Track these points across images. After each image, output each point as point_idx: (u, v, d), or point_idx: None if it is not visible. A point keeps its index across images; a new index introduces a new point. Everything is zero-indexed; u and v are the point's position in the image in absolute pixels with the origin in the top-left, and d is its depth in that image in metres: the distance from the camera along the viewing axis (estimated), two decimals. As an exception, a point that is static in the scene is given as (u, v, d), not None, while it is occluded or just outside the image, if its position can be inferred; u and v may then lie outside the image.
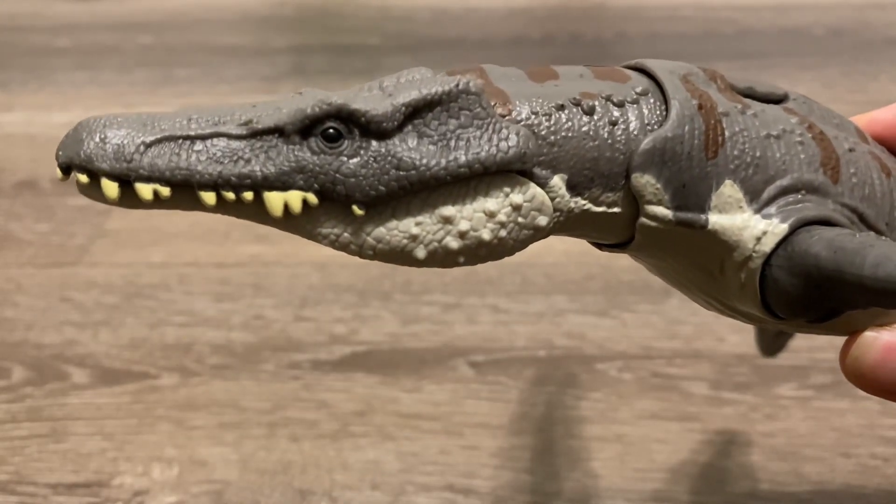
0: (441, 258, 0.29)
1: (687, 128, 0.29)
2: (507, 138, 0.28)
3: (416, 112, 0.28)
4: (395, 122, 0.28)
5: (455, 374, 0.61)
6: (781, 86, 0.34)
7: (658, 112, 0.30)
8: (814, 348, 0.61)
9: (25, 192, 0.86)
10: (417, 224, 0.28)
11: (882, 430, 0.55)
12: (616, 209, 0.30)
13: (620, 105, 0.30)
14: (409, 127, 0.28)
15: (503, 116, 0.29)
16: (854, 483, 0.52)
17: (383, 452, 0.55)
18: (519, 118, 0.29)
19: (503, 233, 0.29)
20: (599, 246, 0.33)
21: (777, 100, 0.33)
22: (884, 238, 0.29)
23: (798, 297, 0.30)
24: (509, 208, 0.29)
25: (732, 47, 1.11)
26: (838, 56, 1.08)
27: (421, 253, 0.29)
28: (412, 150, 0.28)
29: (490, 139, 0.28)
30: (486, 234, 0.29)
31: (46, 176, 0.88)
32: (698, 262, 0.31)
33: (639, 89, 0.30)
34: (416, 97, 0.28)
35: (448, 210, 0.28)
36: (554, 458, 0.55)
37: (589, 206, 0.30)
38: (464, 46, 1.16)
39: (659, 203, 0.29)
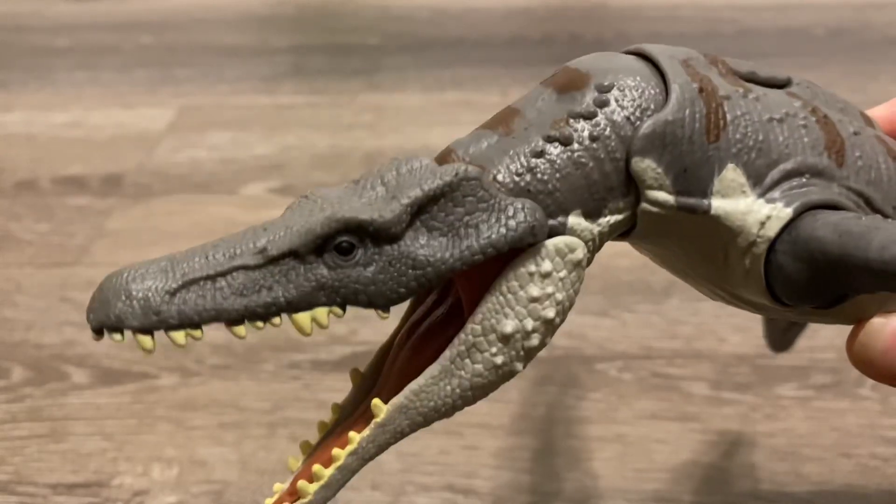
0: (534, 355, 0.30)
1: (688, 111, 0.29)
2: (514, 215, 0.28)
3: (422, 208, 0.28)
4: (403, 224, 0.28)
5: (455, 374, 0.61)
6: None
7: (656, 96, 0.29)
8: (814, 348, 0.61)
9: (25, 192, 0.86)
10: (493, 355, 0.29)
11: (882, 430, 0.55)
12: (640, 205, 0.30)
13: (591, 116, 0.29)
14: (417, 223, 0.28)
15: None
16: (854, 483, 0.52)
17: (383, 452, 0.55)
18: (509, 186, 0.29)
19: (560, 297, 0.29)
20: None
21: (780, 84, 0.33)
22: (890, 221, 0.29)
23: (804, 282, 0.29)
24: (546, 281, 0.29)
25: (732, 47, 1.11)
26: (838, 56, 1.08)
27: (519, 367, 0.29)
28: (424, 246, 0.28)
29: (498, 220, 0.28)
30: (550, 313, 0.29)
31: (46, 176, 0.88)
32: (702, 250, 0.31)
33: (606, 83, 0.29)
34: (419, 195, 0.28)
35: (508, 327, 0.29)
36: (554, 458, 0.55)
37: (615, 218, 0.30)
38: (464, 46, 1.16)
39: (660, 188, 0.29)
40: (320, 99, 1.03)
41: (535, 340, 0.29)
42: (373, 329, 0.66)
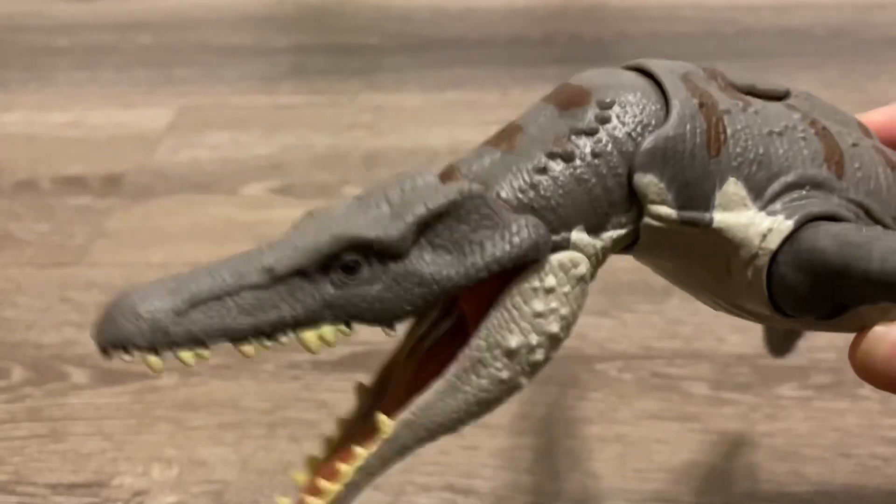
0: (537, 372, 0.30)
1: (688, 126, 0.29)
2: (518, 232, 0.28)
3: (427, 226, 0.28)
4: (409, 242, 0.28)
5: (455, 374, 0.61)
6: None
7: (656, 112, 0.29)
8: (814, 348, 0.61)
9: (25, 192, 0.86)
10: (497, 370, 0.29)
11: (882, 430, 0.55)
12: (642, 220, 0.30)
13: (592, 132, 0.29)
14: (423, 241, 0.28)
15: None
16: (854, 483, 0.52)
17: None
18: (512, 203, 0.29)
19: (564, 311, 0.29)
20: None
21: (779, 97, 0.33)
22: (890, 232, 0.29)
23: (805, 293, 0.30)
24: (550, 296, 0.29)
25: (732, 47, 1.11)
26: (838, 56, 1.08)
27: (524, 382, 0.29)
28: (430, 264, 0.28)
29: (503, 237, 0.28)
30: (554, 328, 0.29)
31: (46, 176, 0.88)
32: (704, 262, 0.31)
33: (607, 100, 0.30)
34: (424, 213, 0.28)
35: (511, 342, 0.29)
36: (554, 459, 0.55)
37: (618, 232, 0.30)
38: (463, 46, 1.16)
39: (662, 202, 0.29)
40: (320, 99, 1.03)
41: (539, 355, 0.29)
42: (373, 329, 0.65)
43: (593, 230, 0.29)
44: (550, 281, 0.29)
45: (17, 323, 0.68)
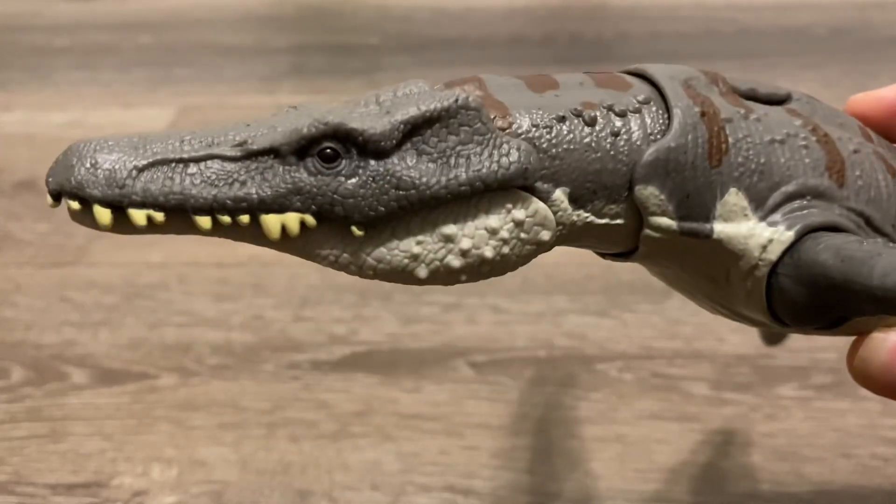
0: (443, 277, 0.29)
1: (690, 137, 0.29)
2: (507, 154, 0.28)
3: (415, 129, 0.27)
4: (394, 141, 0.27)
5: (455, 374, 0.61)
6: (783, 85, 0.34)
7: (660, 121, 0.29)
8: (814, 349, 0.61)
9: (25, 192, 0.86)
10: (418, 243, 0.28)
11: (882, 431, 0.55)
12: (619, 220, 0.29)
13: (622, 115, 0.29)
14: (408, 145, 0.27)
15: (503, 130, 0.28)
16: (855, 483, 0.52)
17: (383, 453, 0.55)
18: (519, 131, 0.28)
19: (506, 249, 0.28)
20: (603, 255, 0.32)
21: (780, 100, 0.33)
22: (891, 245, 0.29)
23: (805, 305, 0.30)
24: (511, 224, 0.28)
25: (733, 47, 1.11)
26: (839, 55, 1.08)
27: (422, 272, 0.28)
28: (411, 168, 0.27)
29: (491, 155, 0.28)
30: (488, 252, 0.28)
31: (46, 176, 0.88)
32: (703, 271, 0.31)
33: (640, 97, 0.30)
34: (415, 114, 0.27)
35: (449, 229, 0.28)
36: (554, 459, 0.55)
37: (592, 218, 0.29)
38: (463, 46, 1.16)
39: (663, 214, 0.29)
40: (320, 99, 1.03)
41: (455, 262, 0.28)
42: (373, 329, 0.66)
43: (575, 200, 0.29)
44: (519, 215, 0.28)
45: (16, 323, 0.68)
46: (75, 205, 0.27)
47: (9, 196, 0.85)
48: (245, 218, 0.27)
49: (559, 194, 0.29)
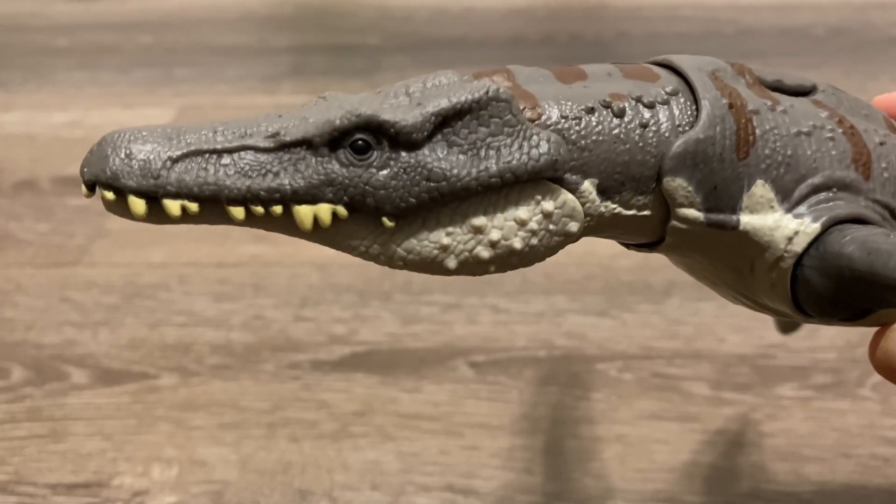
0: (472, 267, 0.29)
1: (718, 128, 0.29)
2: (538, 146, 0.28)
3: (446, 121, 0.28)
4: (425, 133, 0.27)
5: (455, 374, 0.61)
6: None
7: (688, 112, 0.29)
8: (814, 348, 0.61)
9: (25, 192, 0.86)
10: (448, 234, 0.28)
11: (882, 431, 0.55)
12: (647, 212, 0.29)
13: (651, 106, 0.29)
14: (439, 136, 0.28)
15: (532, 121, 0.28)
16: (855, 483, 0.52)
17: (383, 452, 0.55)
18: (549, 122, 0.28)
19: (534, 240, 0.29)
20: (628, 245, 0.32)
21: (805, 92, 0.32)
22: None
23: (830, 297, 0.30)
24: (540, 216, 0.28)
25: (733, 47, 1.11)
26: (839, 55, 1.08)
27: (452, 263, 0.28)
28: (442, 160, 0.27)
29: (521, 147, 0.28)
30: (517, 243, 0.29)
31: (46, 176, 0.88)
32: (728, 262, 0.31)
33: (669, 89, 0.29)
34: (446, 106, 0.27)
35: (479, 220, 0.28)
36: (554, 459, 0.55)
37: (619, 209, 0.29)
38: (463, 46, 1.16)
39: (690, 206, 0.29)
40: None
41: (484, 253, 0.28)
42: (373, 329, 0.66)
43: (603, 192, 0.29)
44: (549, 206, 0.28)
45: (17, 323, 0.68)
46: (110, 195, 0.27)
47: (9, 196, 0.85)
48: (278, 209, 0.27)
49: (587, 186, 0.29)
